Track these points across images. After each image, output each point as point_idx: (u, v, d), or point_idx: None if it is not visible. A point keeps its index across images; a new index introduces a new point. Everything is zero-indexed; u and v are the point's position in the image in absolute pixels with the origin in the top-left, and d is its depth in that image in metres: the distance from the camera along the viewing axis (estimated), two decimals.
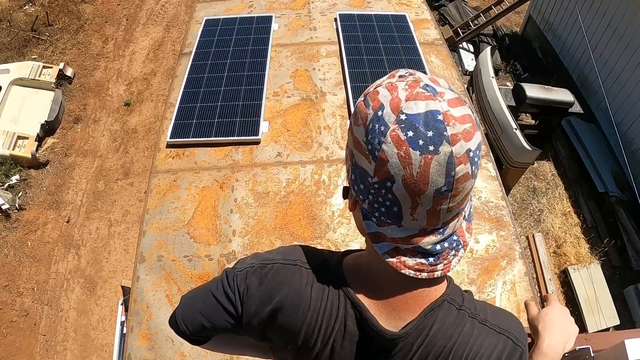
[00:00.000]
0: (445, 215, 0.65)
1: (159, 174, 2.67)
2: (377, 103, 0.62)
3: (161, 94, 6.47)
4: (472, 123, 0.62)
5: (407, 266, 0.67)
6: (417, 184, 0.60)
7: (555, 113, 5.69)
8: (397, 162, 0.59)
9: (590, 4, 5.97)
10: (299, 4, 3.74)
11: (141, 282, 2.23)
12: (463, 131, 0.60)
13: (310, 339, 0.78)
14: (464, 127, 0.60)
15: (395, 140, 0.59)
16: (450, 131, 0.59)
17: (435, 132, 0.58)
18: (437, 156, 0.59)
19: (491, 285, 2.21)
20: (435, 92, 0.61)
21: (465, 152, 0.60)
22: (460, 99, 0.63)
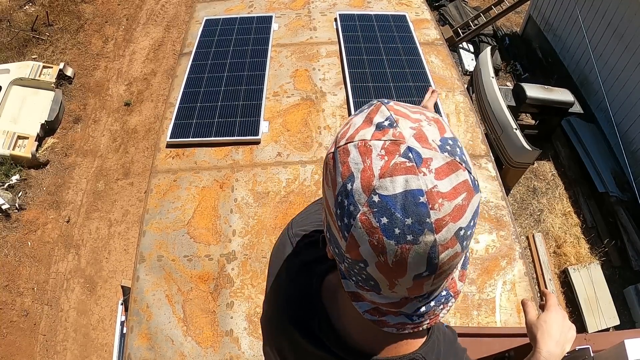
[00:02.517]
0: (429, 287, 0.56)
1: (159, 174, 2.67)
2: (347, 171, 0.52)
3: (161, 94, 6.46)
4: (467, 191, 0.51)
5: (388, 325, 0.62)
6: (392, 271, 0.51)
7: (555, 113, 5.69)
8: (369, 249, 0.51)
9: (590, 4, 5.97)
10: (299, 4, 3.74)
11: (141, 282, 2.23)
12: (453, 210, 0.49)
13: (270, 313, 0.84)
14: (454, 203, 0.49)
15: (366, 226, 0.50)
16: (435, 216, 0.48)
17: (416, 219, 0.48)
18: (417, 246, 0.49)
19: (491, 285, 2.21)
20: (420, 160, 0.49)
21: (454, 235, 0.50)
22: (454, 163, 0.50)
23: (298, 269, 0.83)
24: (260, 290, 2.20)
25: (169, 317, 2.12)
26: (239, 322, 2.10)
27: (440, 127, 0.54)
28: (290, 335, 0.78)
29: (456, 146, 0.52)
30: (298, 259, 0.84)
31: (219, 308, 2.14)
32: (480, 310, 2.14)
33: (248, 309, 2.14)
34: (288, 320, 0.79)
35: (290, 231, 0.90)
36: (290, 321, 0.78)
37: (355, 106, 2.91)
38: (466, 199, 0.50)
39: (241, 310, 2.14)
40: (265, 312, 0.88)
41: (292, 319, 0.78)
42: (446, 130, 0.54)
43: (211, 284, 2.22)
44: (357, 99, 2.95)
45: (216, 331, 2.08)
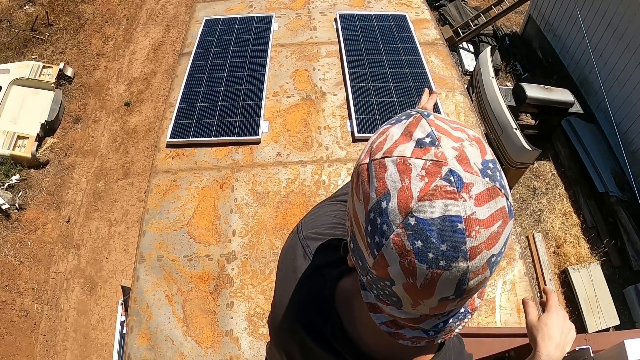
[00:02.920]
0: (452, 307, 0.55)
1: (159, 174, 2.67)
2: (383, 188, 0.50)
3: (161, 94, 6.46)
4: (503, 219, 0.49)
5: (404, 338, 0.61)
6: (420, 292, 0.51)
7: (555, 113, 5.69)
8: (399, 270, 0.50)
9: (590, 4, 5.97)
10: (299, 4, 3.74)
11: (141, 282, 2.23)
12: (488, 238, 0.48)
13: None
14: (490, 231, 0.48)
15: (399, 248, 0.49)
16: (471, 244, 0.47)
17: (451, 246, 0.47)
18: (448, 272, 0.48)
19: (491, 285, 2.21)
20: (461, 184, 0.48)
21: (486, 262, 0.49)
22: (494, 189, 0.49)
23: (310, 272, 0.82)
24: (260, 290, 2.20)
25: (169, 317, 2.12)
26: (239, 322, 2.10)
27: (481, 148, 0.52)
28: (300, 339, 0.77)
29: (496, 170, 0.51)
30: (309, 262, 0.83)
31: (219, 308, 2.14)
32: (480, 310, 2.14)
33: (248, 309, 2.14)
34: (299, 324, 0.78)
35: (300, 233, 0.88)
36: (302, 325, 0.77)
37: (355, 106, 2.91)
38: (502, 226, 0.49)
39: (241, 310, 2.14)
40: (275, 315, 0.87)
41: (303, 323, 0.77)
42: (487, 151, 0.52)
43: (211, 284, 2.22)
44: (357, 99, 2.95)
45: (216, 331, 2.08)
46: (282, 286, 0.86)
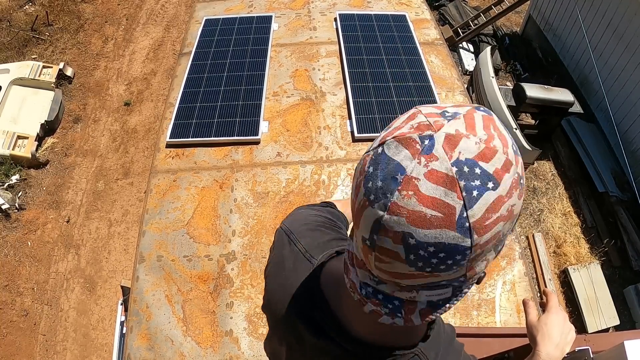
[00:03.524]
0: (374, 268, 0.55)
1: (158, 174, 2.67)
2: (394, 121, 0.57)
3: (161, 93, 6.46)
4: (445, 217, 0.48)
5: (348, 276, 0.63)
6: (355, 214, 0.55)
7: (555, 113, 5.69)
8: (354, 184, 0.55)
9: (590, 4, 5.97)
10: (299, 4, 3.74)
11: (141, 282, 2.23)
12: (414, 212, 0.48)
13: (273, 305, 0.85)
14: (421, 209, 0.48)
15: (362, 165, 0.54)
16: (396, 199, 0.48)
17: (384, 187, 0.50)
18: (371, 209, 0.51)
19: (491, 285, 2.21)
20: (429, 152, 0.49)
21: (400, 233, 0.49)
22: (453, 182, 0.48)
23: (297, 258, 0.83)
24: (260, 290, 2.19)
25: (169, 317, 2.12)
26: (239, 322, 2.10)
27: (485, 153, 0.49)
28: (296, 329, 0.78)
29: (474, 176, 0.48)
30: (296, 248, 0.85)
31: (219, 308, 2.14)
32: (480, 310, 2.14)
33: (248, 309, 2.14)
34: (294, 314, 0.79)
35: (283, 226, 0.91)
36: (296, 315, 0.78)
37: (355, 106, 2.90)
38: (437, 220, 0.48)
39: (241, 310, 2.14)
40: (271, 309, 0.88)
41: (297, 313, 0.78)
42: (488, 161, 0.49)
43: (211, 284, 2.22)
44: (357, 99, 2.95)
45: (216, 331, 2.08)
46: (273, 279, 0.88)
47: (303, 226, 0.89)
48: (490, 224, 0.50)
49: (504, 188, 0.50)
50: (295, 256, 0.84)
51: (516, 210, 0.53)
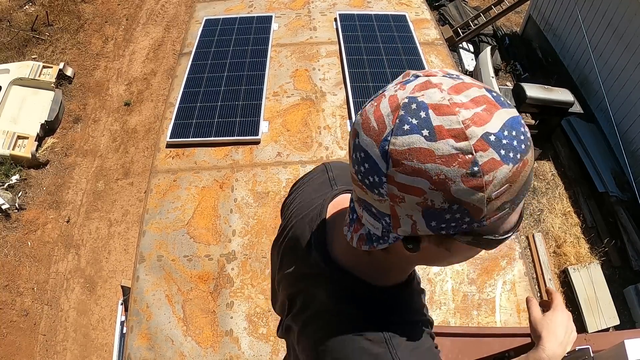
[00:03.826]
0: (355, 176, 0.59)
1: (158, 173, 2.67)
2: None
3: (161, 93, 6.46)
4: (378, 130, 0.53)
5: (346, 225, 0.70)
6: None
7: (555, 113, 5.68)
8: None
9: (590, 4, 5.97)
10: (299, 4, 3.74)
11: (141, 282, 2.23)
12: (366, 118, 0.56)
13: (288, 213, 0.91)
14: (370, 117, 0.55)
15: None
16: (366, 106, 0.58)
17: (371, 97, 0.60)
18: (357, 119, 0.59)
19: (491, 285, 2.21)
20: (406, 83, 0.55)
21: (355, 131, 0.57)
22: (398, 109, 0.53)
23: (323, 182, 0.91)
24: (260, 290, 2.19)
25: (169, 317, 2.12)
26: (239, 322, 2.10)
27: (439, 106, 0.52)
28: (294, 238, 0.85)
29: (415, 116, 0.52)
30: (327, 175, 0.92)
31: (219, 308, 2.14)
32: (480, 310, 2.14)
33: (248, 309, 2.14)
34: (298, 225, 0.85)
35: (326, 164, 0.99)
36: (298, 225, 0.85)
37: (355, 106, 2.90)
38: (373, 132, 0.54)
39: (241, 310, 2.14)
40: (286, 207, 0.95)
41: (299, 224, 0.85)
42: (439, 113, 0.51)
43: (211, 284, 2.22)
44: (357, 99, 2.95)
45: (216, 331, 2.08)
46: (298, 191, 0.94)
47: (341, 165, 0.97)
48: (409, 169, 0.51)
49: (438, 148, 0.50)
50: (323, 180, 0.91)
51: (454, 190, 0.51)
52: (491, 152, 0.50)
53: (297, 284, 0.83)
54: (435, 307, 2.15)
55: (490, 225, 0.56)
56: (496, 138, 0.51)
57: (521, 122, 0.54)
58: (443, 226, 0.55)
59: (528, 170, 0.55)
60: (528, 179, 0.56)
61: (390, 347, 0.67)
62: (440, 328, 2.04)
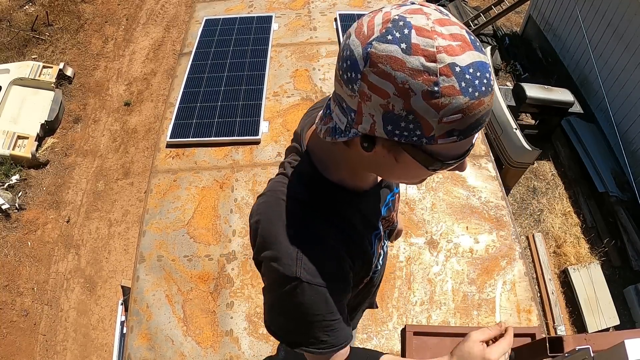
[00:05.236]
0: (338, 71, 0.68)
1: (158, 174, 2.67)
2: None
3: (161, 94, 6.46)
4: (365, 34, 0.61)
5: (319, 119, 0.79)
6: None
7: (555, 113, 5.68)
8: None
9: (590, 4, 5.97)
10: (299, 4, 3.74)
11: (141, 282, 2.23)
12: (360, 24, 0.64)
13: None
14: (364, 24, 0.63)
15: None
16: (366, 15, 0.65)
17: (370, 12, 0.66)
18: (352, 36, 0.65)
19: (491, 285, 2.21)
20: (403, 6, 0.63)
21: (348, 33, 0.65)
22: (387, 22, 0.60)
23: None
24: (260, 290, 2.19)
25: (169, 317, 2.12)
26: (239, 322, 2.10)
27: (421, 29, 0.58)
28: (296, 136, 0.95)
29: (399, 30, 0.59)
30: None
31: (219, 308, 2.14)
32: (480, 310, 2.14)
33: (248, 309, 2.14)
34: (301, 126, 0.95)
35: None
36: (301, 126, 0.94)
37: None
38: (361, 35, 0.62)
39: (241, 310, 2.14)
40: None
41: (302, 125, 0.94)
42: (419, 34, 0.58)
43: (211, 284, 2.22)
44: None
45: (216, 331, 2.08)
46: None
47: None
48: (382, 72, 0.59)
49: (410, 61, 0.57)
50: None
51: (413, 100, 0.58)
52: (453, 80, 0.57)
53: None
54: (435, 307, 2.15)
55: (437, 147, 0.63)
56: (461, 70, 0.57)
57: (489, 69, 0.60)
58: (397, 132, 0.62)
59: (482, 111, 0.61)
60: (481, 118, 0.62)
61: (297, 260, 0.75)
62: (440, 328, 2.04)
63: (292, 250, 0.75)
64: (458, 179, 2.62)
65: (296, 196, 0.81)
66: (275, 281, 0.77)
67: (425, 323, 2.08)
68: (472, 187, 2.58)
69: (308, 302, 0.75)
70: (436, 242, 2.35)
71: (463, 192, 2.56)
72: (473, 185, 2.59)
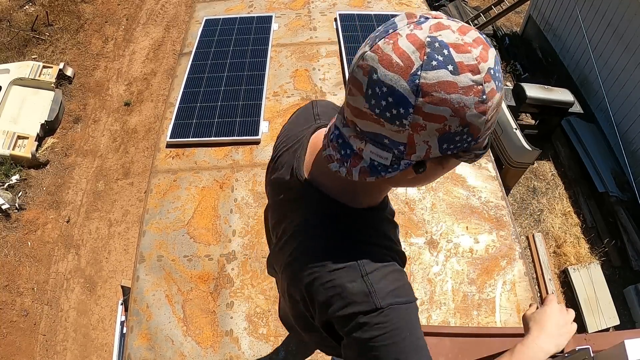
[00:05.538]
0: (346, 103, 0.67)
1: (158, 174, 2.67)
2: None
3: (161, 94, 6.46)
4: (404, 67, 0.58)
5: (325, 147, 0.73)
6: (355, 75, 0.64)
7: (555, 113, 5.68)
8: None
9: (590, 4, 5.97)
10: (299, 4, 3.74)
11: (141, 282, 2.23)
12: (386, 55, 0.59)
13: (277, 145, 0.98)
14: (392, 54, 0.58)
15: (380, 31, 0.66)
16: (380, 42, 0.60)
17: (377, 35, 0.62)
18: (361, 48, 0.63)
19: (491, 285, 2.21)
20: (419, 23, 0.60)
21: (370, 67, 0.60)
22: (423, 47, 0.58)
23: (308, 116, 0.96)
24: (260, 290, 2.20)
25: (169, 317, 2.12)
26: (239, 322, 2.10)
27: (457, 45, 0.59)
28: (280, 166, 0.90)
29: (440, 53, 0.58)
30: (313, 111, 0.98)
31: (219, 308, 2.14)
32: (480, 310, 2.14)
33: (248, 309, 2.14)
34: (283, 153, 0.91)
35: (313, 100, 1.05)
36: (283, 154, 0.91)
37: None
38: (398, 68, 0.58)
39: (241, 310, 2.14)
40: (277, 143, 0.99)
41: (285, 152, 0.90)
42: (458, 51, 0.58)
43: (211, 284, 2.22)
44: None
45: (216, 331, 2.08)
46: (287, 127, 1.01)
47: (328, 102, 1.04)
48: (437, 99, 0.58)
49: (461, 81, 0.58)
50: (308, 116, 0.97)
51: (468, 115, 0.60)
52: (492, 82, 0.61)
53: (280, 210, 0.89)
54: (435, 307, 2.15)
55: (479, 142, 0.66)
56: (494, 71, 0.61)
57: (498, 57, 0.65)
58: (452, 147, 0.63)
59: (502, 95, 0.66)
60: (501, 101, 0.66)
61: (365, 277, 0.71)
62: (440, 328, 2.04)
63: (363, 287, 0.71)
64: (458, 179, 2.63)
65: (338, 242, 0.75)
66: (365, 323, 0.71)
67: (425, 323, 2.08)
68: (472, 187, 2.58)
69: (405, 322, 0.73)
70: (436, 242, 2.35)
71: (463, 192, 2.56)
72: (473, 185, 2.59)
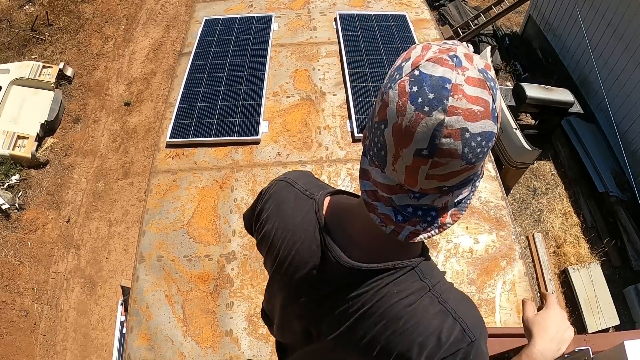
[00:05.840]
0: (423, 180, 0.64)
1: (158, 174, 2.67)
2: (407, 55, 0.65)
3: (161, 94, 6.46)
4: (485, 109, 0.60)
5: (376, 212, 0.70)
6: (402, 135, 0.61)
7: (555, 113, 5.68)
8: (394, 109, 0.62)
9: (590, 4, 5.97)
10: (299, 4, 3.74)
11: (141, 282, 2.23)
12: (467, 110, 0.59)
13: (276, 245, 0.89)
14: (470, 106, 0.59)
15: (400, 89, 0.62)
16: (451, 102, 0.59)
17: (436, 97, 0.59)
18: (428, 118, 0.59)
19: (491, 285, 2.21)
20: (460, 65, 0.60)
21: (459, 129, 0.59)
22: (484, 83, 0.61)
23: (297, 198, 0.90)
24: (260, 290, 2.19)
25: (169, 317, 2.12)
26: (239, 322, 2.10)
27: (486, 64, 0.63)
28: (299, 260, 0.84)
29: (492, 79, 0.62)
30: (295, 188, 0.92)
31: (219, 308, 2.14)
32: (480, 310, 2.14)
33: (248, 309, 2.14)
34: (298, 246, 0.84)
35: (277, 177, 0.98)
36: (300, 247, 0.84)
37: (355, 106, 2.91)
38: (482, 113, 0.60)
39: (241, 310, 2.14)
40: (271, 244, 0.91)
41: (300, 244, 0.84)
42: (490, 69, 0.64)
43: (211, 284, 2.22)
44: (357, 99, 2.95)
45: (216, 331, 2.08)
46: (273, 219, 0.92)
47: (296, 174, 0.98)
48: (498, 117, 0.64)
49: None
50: (296, 195, 0.90)
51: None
52: None
53: (323, 304, 0.83)
54: None
55: None
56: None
57: None
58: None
59: None
60: None
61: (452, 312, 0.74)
62: None
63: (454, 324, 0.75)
64: None
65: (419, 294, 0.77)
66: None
67: None
68: None
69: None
70: (436, 242, 2.35)
71: None
72: None
